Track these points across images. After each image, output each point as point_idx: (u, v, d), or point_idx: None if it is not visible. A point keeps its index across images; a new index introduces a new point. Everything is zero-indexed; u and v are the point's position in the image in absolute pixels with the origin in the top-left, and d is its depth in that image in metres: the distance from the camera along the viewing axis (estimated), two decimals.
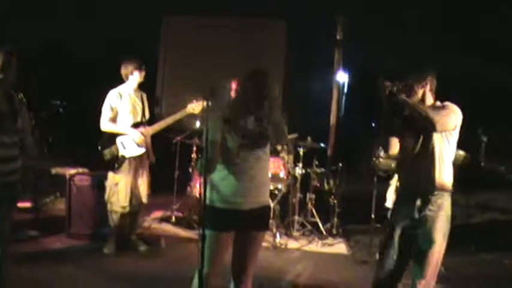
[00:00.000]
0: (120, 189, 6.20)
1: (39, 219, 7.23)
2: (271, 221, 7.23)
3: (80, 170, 7.01)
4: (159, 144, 6.53)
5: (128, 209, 6.26)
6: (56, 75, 11.07)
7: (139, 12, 10.63)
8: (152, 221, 7.89)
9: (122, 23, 10.58)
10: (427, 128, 4.08)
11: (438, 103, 4.26)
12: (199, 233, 3.63)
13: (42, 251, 6.30)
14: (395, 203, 4.53)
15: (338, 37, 9.64)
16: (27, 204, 7.53)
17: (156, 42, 11.26)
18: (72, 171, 6.94)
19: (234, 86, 4.94)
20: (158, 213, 8.24)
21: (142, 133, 6.21)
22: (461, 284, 6.02)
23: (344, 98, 16.36)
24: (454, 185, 4.30)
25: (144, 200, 6.41)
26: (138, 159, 6.29)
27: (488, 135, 8.63)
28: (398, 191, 4.69)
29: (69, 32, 10.61)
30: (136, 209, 6.39)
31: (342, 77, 10.84)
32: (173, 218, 7.96)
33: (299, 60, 11.50)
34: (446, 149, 4.16)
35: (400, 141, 4.34)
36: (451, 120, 4.10)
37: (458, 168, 6.72)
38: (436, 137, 4.11)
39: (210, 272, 3.77)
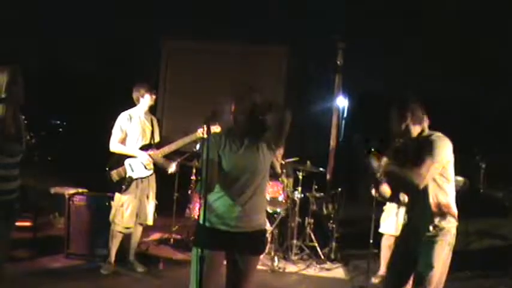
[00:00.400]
0: (126, 210, 6.23)
1: (38, 239, 7.23)
2: (269, 245, 7.24)
3: (80, 190, 7.01)
4: (158, 167, 6.55)
5: (131, 230, 6.33)
6: (55, 95, 11.13)
7: (140, 34, 10.71)
8: (151, 243, 7.87)
9: (122, 44, 10.64)
10: (413, 186, 4.11)
11: (426, 132, 4.26)
12: (193, 253, 3.75)
13: (40, 271, 6.28)
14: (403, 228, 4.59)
15: (338, 63, 9.69)
16: (26, 224, 7.53)
17: (156, 65, 11.31)
18: (71, 191, 6.94)
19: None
20: (157, 235, 8.23)
21: (150, 155, 6.26)
22: None
23: (343, 122, 16.46)
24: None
25: (149, 222, 6.47)
26: (146, 181, 6.35)
27: (486, 161, 8.67)
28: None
29: (68, 52, 10.66)
30: (137, 230, 6.44)
31: (341, 102, 10.89)
32: (172, 240, 7.96)
33: (299, 85, 11.56)
34: (442, 184, 4.16)
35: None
36: (439, 163, 4.07)
37: (457, 194, 6.78)
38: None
39: None
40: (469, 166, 8.56)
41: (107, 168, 6.31)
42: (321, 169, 8.25)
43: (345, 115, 15.63)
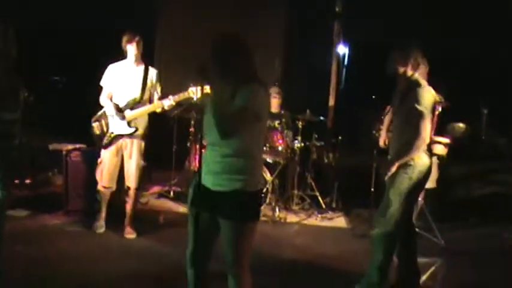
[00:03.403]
0: (105, 168, 6.03)
1: (37, 196, 7.21)
2: (270, 195, 7.22)
3: (77, 146, 6.91)
4: (156, 119, 6.43)
5: (113, 188, 6.12)
6: (54, 50, 10.99)
7: None
8: (150, 196, 7.86)
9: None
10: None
11: (415, 78, 4.57)
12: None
13: (39, 228, 6.25)
14: None
15: (337, 9, 9.54)
16: (26, 181, 7.52)
17: (153, 18, 11.14)
18: (69, 147, 6.86)
19: None
20: (156, 189, 8.20)
21: (119, 113, 5.86)
22: (460, 258, 6.01)
23: (344, 70, 16.27)
24: (453, 157, 4.44)
25: (132, 184, 6.05)
26: (129, 139, 5.98)
27: (488, 107, 8.58)
28: None
29: (66, 8, 10.49)
30: (125, 191, 6.16)
31: (342, 50, 10.75)
32: (171, 193, 7.94)
33: (299, 34, 11.40)
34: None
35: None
36: (426, 119, 4.38)
37: (459, 140, 6.72)
38: None
39: (194, 251, 3.60)
40: (470, 112, 8.48)
41: (92, 120, 6.05)
42: (321, 118, 8.17)
43: (346, 63, 15.48)
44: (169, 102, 5.76)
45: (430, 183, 6.36)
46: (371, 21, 10.36)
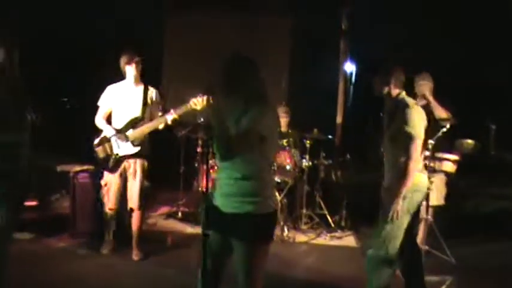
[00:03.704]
0: (110, 190, 6.03)
1: (44, 218, 7.19)
2: (278, 215, 7.18)
3: (85, 167, 6.88)
4: (164, 139, 6.41)
5: (115, 211, 6.11)
6: (62, 71, 11.04)
7: (142, 9, 10.55)
8: (158, 217, 7.84)
9: (125, 20, 10.49)
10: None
11: (401, 97, 4.56)
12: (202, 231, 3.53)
13: (44, 251, 6.24)
14: None
15: (343, 27, 9.57)
16: (33, 203, 7.50)
17: (160, 38, 11.19)
18: (77, 168, 6.84)
19: None
20: (164, 209, 8.19)
21: (120, 134, 5.86)
22: (470, 274, 5.94)
23: (352, 88, 16.28)
24: (462, 173, 4.42)
25: (135, 205, 6.01)
26: (133, 159, 5.96)
27: (496, 123, 8.52)
28: None
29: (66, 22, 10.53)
30: (129, 212, 6.13)
31: (349, 68, 10.77)
32: (179, 214, 7.91)
33: (305, 53, 11.41)
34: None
35: None
36: (416, 140, 4.34)
37: (468, 157, 6.67)
38: None
39: (206, 273, 3.55)
40: (479, 128, 8.43)
41: (94, 145, 6.03)
42: (329, 136, 8.15)
43: (353, 81, 15.48)
44: (171, 116, 5.61)
45: (438, 200, 6.34)
46: (377, 38, 10.37)
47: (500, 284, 5.75)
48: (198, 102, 5.31)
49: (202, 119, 6.81)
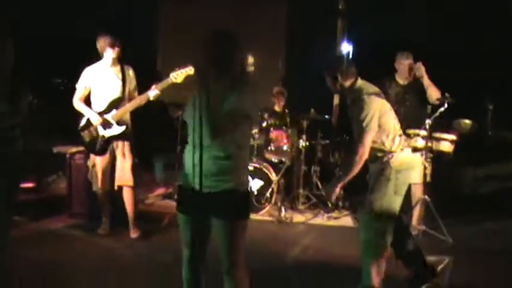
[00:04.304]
0: (98, 170, 6.03)
1: (42, 200, 7.19)
2: (275, 195, 7.20)
3: (81, 148, 6.82)
4: (160, 119, 6.39)
5: (108, 189, 6.10)
6: (56, 53, 11.00)
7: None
8: (155, 198, 7.83)
9: (120, 7, 10.44)
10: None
11: (357, 87, 4.49)
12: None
13: (43, 232, 6.25)
14: None
15: (340, 7, 9.53)
16: (30, 185, 7.50)
17: (154, 18, 11.14)
18: (73, 149, 6.81)
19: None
20: (161, 190, 8.18)
21: (103, 118, 5.86)
22: (468, 255, 5.94)
23: None
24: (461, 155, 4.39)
25: (129, 182, 6.05)
26: (120, 138, 5.97)
27: (493, 103, 8.51)
28: None
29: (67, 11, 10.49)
30: (126, 193, 6.12)
31: (346, 48, 10.74)
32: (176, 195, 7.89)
33: (302, 33, 11.38)
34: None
35: None
36: (373, 130, 4.34)
37: (465, 137, 6.66)
38: None
39: (191, 255, 3.59)
40: (476, 108, 8.41)
41: (79, 129, 6.01)
42: (326, 116, 8.13)
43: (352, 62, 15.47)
44: (154, 92, 5.68)
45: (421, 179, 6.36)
46: (375, 18, 10.33)
47: (498, 264, 5.75)
48: (178, 76, 5.34)
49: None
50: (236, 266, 3.50)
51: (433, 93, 6.28)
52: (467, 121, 6.74)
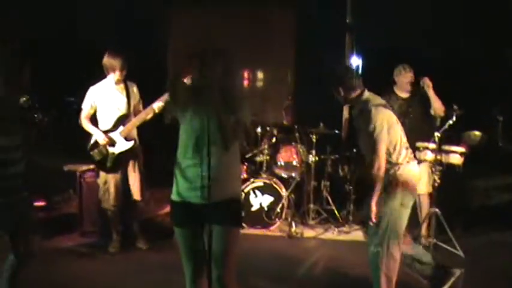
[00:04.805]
0: (111, 187, 6.10)
1: (53, 218, 7.22)
2: (286, 210, 7.19)
3: (92, 166, 6.86)
4: (171, 133, 6.39)
5: (119, 205, 6.17)
6: (70, 71, 11.07)
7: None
8: (166, 214, 7.83)
9: (130, 19, 10.51)
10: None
11: (364, 98, 4.51)
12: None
13: (54, 250, 6.28)
14: None
15: (348, 21, 9.53)
16: (40, 203, 7.52)
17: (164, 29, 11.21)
18: (84, 167, 6.86)
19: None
20: (169, 206, 8.16)
21: (109, 137, 5.98)
22: (478, 267, 5.90)
23: None
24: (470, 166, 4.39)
25: (137, 197, 6.20)
26: (129, 154, 6.09)
27: (504, 115, 8.47)
28: None
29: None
30: (131, 206, 6.24)
31: (355, 61, 10.75)
32: None
33: (311, 48, 11.40)
34: None
35: None
36: (381, 141, 4.34)
37: (475, 149, 6.63)
38: None
39: (192, 272, 3.66)
40: (486, 120, 8.38)
41: (88, 149, 6.12)
42: (336, 131, 8.13)
43: (360, 74, 15.47)
44: (158, 103, 5.74)
45: (426, 189, 6.35)
46: (383, 30, 10.33)
47: (509, 277, 5.70)
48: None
49: None
50: (232, 275, 3.60)
51: (438, 107, 6.31)
52: (477, 133, 6.74)
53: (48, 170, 7.57)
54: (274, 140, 7.62)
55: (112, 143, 5.99)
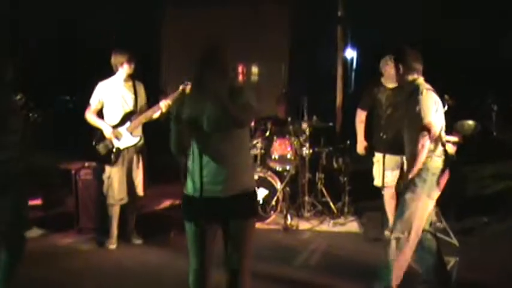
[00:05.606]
0: (114, 182, 6.13)
1: (49, 216, 7.24)
2: (281, 203, 7.21)
3: (86, 164, 6.89)
4: (167, 132, 6.41)
5: (125, 200, 6.20)
6: (62, 70, 11.09)
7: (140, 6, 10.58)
8: (162, 210, 7.86)
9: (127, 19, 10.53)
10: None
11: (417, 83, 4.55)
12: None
13: (51, 248, 6.30)
14: None
15: (339, 14, 9.55)
16: (37, 202, 7.54)
17: (158, 31, 11.21)
18: (79, 165, 6.87)
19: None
20: (168, 202, 8.21)
21: (116, 131, 6.07)
22: (474, 256, 5.94)
23: (353, 74, 16.24)
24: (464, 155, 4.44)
25: (140, 192, 6.31)
26: (133, 149, 6.18)
27: (498, 104, 8.52)
28: None
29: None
30: (132, 201, 6.29)
31: (350, 54, 10.78)
32: None
33: (305, 41, 11.42)
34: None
35: None
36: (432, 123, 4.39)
37: (470, 138, 6.66)
38: None
39: (200, 268, 3.65)
40: (480, 110, 8.42)
41: (93, 142, 6.16)
42: (330, 124, 8.14)
43: (354, 67, 15.47)
44: (164, 102, 5.91)
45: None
46: (377, 23, 10.38)
47: (503, 265, 5.73)
48: (187, 88, 5.44)
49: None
50: (247, 268, 3.64)
51: None
52: (470, 122, 6.75)
53: (43, 169, 7.61)
54: (268, 133, 7.63)
55: (118, 137, 6.07)
